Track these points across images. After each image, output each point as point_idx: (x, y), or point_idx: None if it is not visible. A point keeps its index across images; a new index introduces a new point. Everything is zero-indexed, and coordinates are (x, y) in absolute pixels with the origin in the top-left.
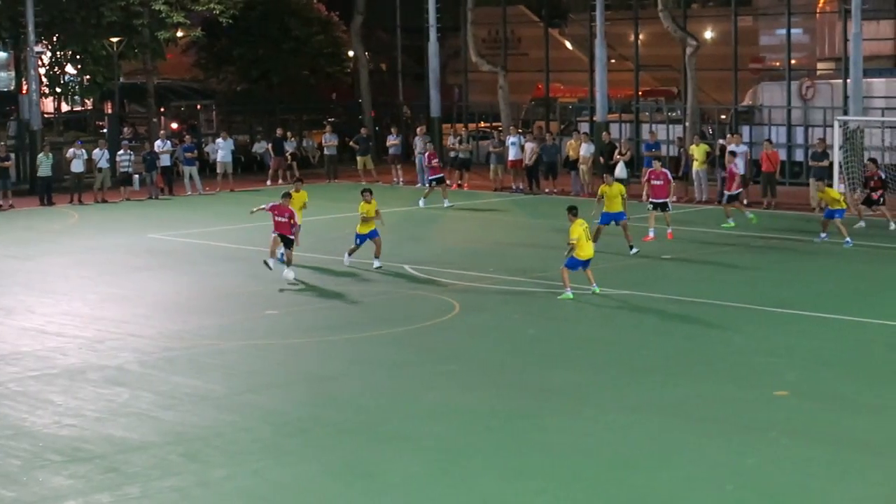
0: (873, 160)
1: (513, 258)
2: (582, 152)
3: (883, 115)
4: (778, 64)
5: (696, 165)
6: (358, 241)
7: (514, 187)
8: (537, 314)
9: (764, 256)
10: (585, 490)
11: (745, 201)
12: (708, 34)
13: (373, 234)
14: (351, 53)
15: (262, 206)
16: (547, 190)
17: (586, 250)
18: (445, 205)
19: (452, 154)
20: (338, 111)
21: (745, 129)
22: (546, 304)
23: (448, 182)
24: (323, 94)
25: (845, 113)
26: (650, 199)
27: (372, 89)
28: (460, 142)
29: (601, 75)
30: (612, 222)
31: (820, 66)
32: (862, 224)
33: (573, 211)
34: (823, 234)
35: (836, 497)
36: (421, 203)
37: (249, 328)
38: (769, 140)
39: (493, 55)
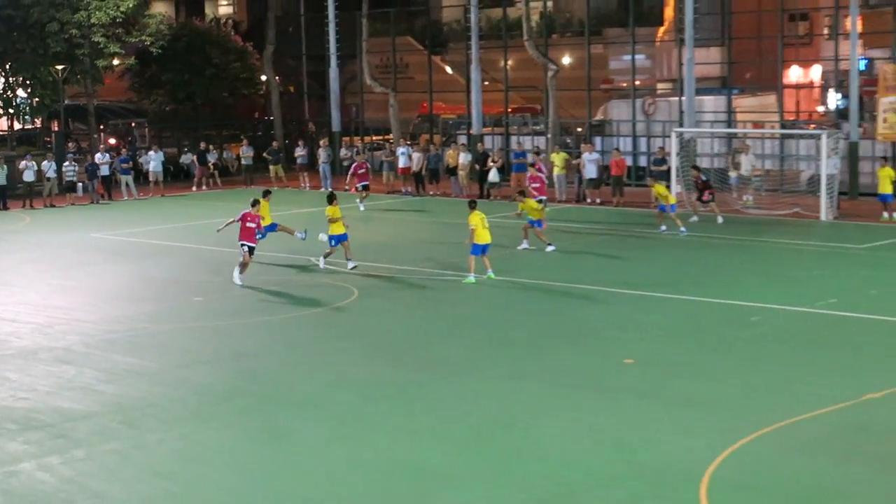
0: (695, 167)
1: (404, 250)
2: (460, 160)
3: (712, 127)
4: (625, 84)
5: (556, 171)
6: (333, 243)
7: (403, 191)
8: (425, 298)
9: (614, 246)
10: (467, 447)
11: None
12: (566, 59)
13: (343, 238)
14: (263, 78)
15: (230, 221)
16: (432, 192)
17: (483, 237)
18: (361, 208)
19: (347, 163)
20: (253, 127)
21: (598, 140)
22: (432, 289)
23: (347, 186)
24: (240, 112)
25: (681, 125)
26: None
27: (282, 108)
28: (357, 152)
29: (476, 95)
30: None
31: (660, 86)
32: (695, 218)
33: (472, 204)
34: (663, 227)
35: (676, 448)
36: (361, 207)
37: (180, 313)
38: (617, 149)
39: (384, 78)
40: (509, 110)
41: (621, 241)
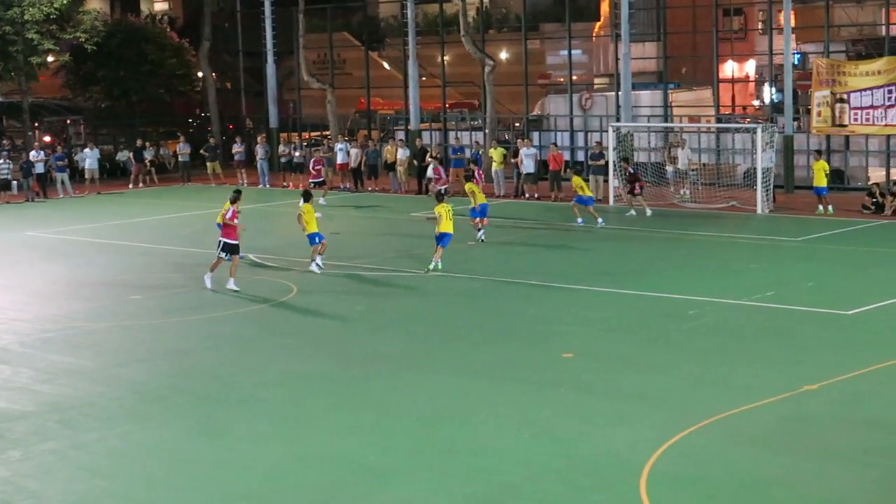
0: (625, 159)
1: (343, 246)
2: (398, 156)
3: (648, 122)
4: (562, 80)
5: (494, 165)
6: (318, 239)
7: (342, 186)
8: (364, 293)
9: (553, 241)
10: (407, 442)
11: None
12: (503, 55)
13: (321, 237)
14: (200, 74)
15: (236, 223)
16: (370, 188)
17: (446, 227)
18: (322, 202)
19: (285, 159)
20: (190, 123)
21: (536, 135)
22: (371, 285)
23: (286, 183)
24: (177, 109)
25: (618, 120)
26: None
27: (219, 105)
28: (295, 149)
29: (414, 91)
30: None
31: (596, 81)
32: (632, 213)
33: (439, 197)
34: (580, 220)
35: (615, 441)
36: (322, 201)
37: (116, 311)
38: (555, 143)
39: (322, 74)
40: (447, 106)
41: (560, 236)
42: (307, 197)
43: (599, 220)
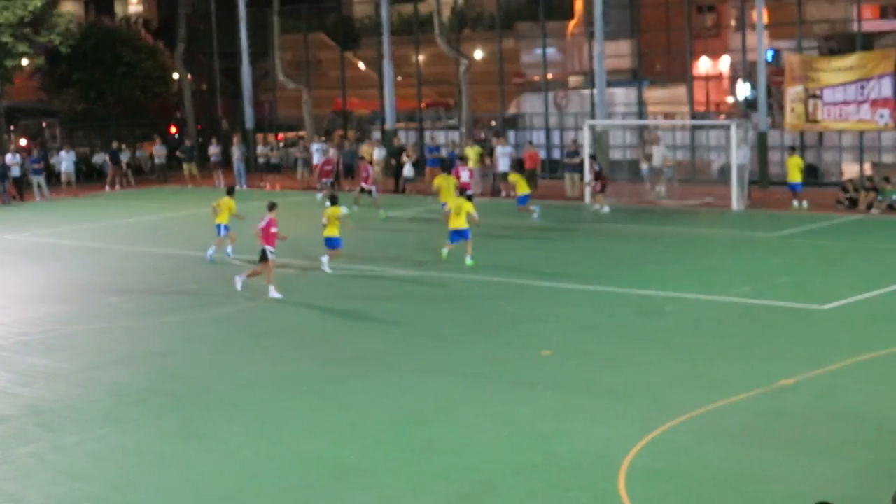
0: (592, 156)
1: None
2: (375, 156)
3: (623, 119)
4: (537, 78)
5: (470, 164)
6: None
7: (318, 187)
8: (342, 294)
9: (529, 239)
10: (385, 441)
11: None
12: (478, 54)
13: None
14: (175, 76)
15: (275, 231)
16: (347, 188)
17: (455, 223)
18: (354, 208)
19: (262, 160)
20: (166, 125)
21: (511, 133)
22: (348, 284)
23: (263, 184)
24: (152, 111)
25: (593, 118)
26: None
27: (194, 106)
28: (272, 149)
29: (389, 90)
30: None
31: (572, 79)
32: (606, 209)
33: (333, 199)
34: (535, 215)
35: (592, 437)
36: (355, 207)
37: (94, 314)
38: (531, 142)
39: (297, 75)
40: (422, 105)
41: (536, 234)
42: (334, 201)
43: (535, 215)
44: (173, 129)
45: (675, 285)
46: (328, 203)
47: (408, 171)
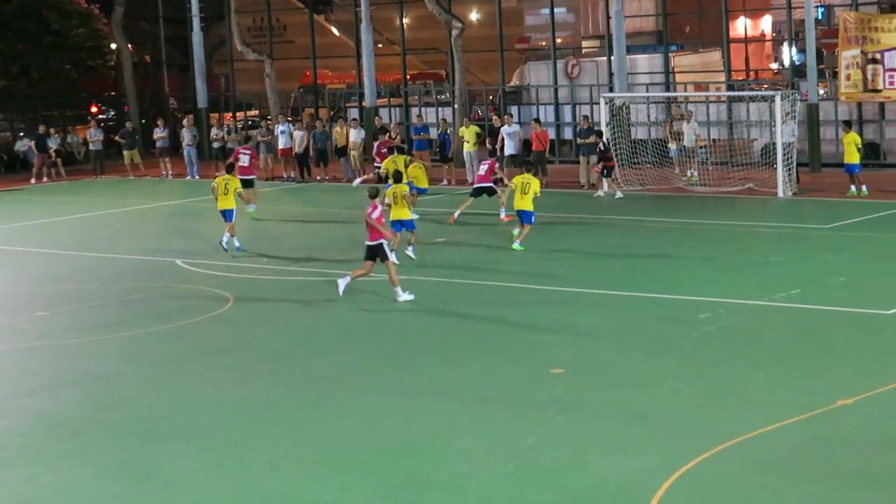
0: (598, 132)
1: (286, 247)
2: (352, 138)
3: (647, 91)
4: (543, 43)
5: (467, 147)
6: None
7: (285, 176)
8: (312, 302)
9: (536, 235)
10: (368, 477)
11: None
12: (473, 16)
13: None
14: (113, 46)
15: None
16: (318, 178)
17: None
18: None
19: (217, 145)
20: (102, 105)
21: (514, 110)
22: (321, 292)
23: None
24: (87, 88)
25: (611, 90)
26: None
27: (136, 82)
28: (228, 132)
29: (368, 60)
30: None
31: (585, 44)
32: (619, 195)
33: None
34: (456, 213)
35: (613, 470)
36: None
37: (19, 330)
38: (537, 120)
39: (258, 43)
40: (408, 78)
41: (545, 229)
42: (398, 178)
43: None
44: (94, 109)
45: (709, 288)
46: (389, 182)
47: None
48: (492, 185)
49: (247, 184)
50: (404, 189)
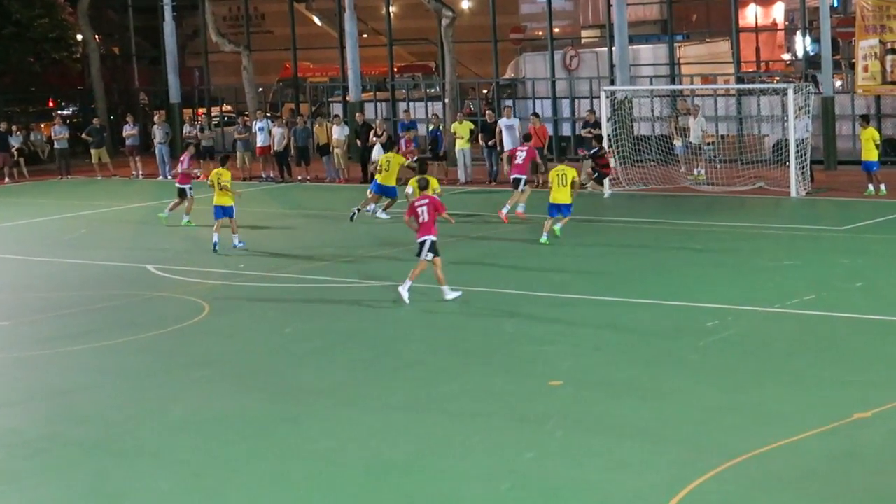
0: (597, 136)
1: (264, 253)
2: (335, 135)
3: (651, 84)
4: (540, 33)
5: (459, 144)
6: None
7: (264, 175)
8: (293, 311)
9: (531, 238)
10: (350, 498)
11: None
12: (465, 4)
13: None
14: (79, 37)
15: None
16: (300, 177)
17: (556, 195)
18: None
19: (191, 143)
20: (69, 100)
21: (509, 104)
22: (302, 300)
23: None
24: (51, 82)
25: (612, 83)
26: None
27: (104, 75)
28: (201, 129)
29: (353, 52)
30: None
31: (584, 34)
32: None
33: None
34: (380, 211)
35: (615, 488)
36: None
37: None
38: (536, 114)
39: (235, 34)
40: (395, 70)
41: (540, 232)
42: (422, 170)
43: (371, 206)
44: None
45: (717, 294)
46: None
47: (376, 153)
48: (525, 177)
49: (181, 193)
50: (434, 182)
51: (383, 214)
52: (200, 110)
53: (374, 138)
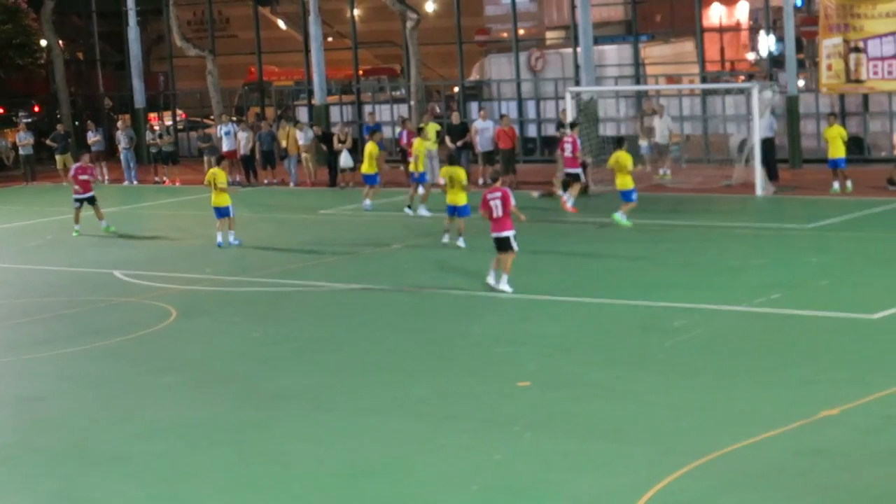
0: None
1: (232, 257)
2: (300, 141)
3: (616, 84)
4: (505, 35)
5: (427, 145)
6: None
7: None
8: (262, 316)
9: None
10: (320, 502)
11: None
12: (429, 6)
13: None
14: (43, 42)
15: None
16: (266, 181)
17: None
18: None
19: (154, 149)
20: (31, 105)
21: (474, 105)
22: (270, 305)
23: (160, 178)
24: (14, 88)
25: (577, 83)
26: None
27: (69, 81)
28: (160, 135)
29: (318, 55)
30: None
31: (549, 35)
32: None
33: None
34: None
35: (583, 489)
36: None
37: None
38: (505, 115)
39: (199, 38)
40: (360, 73)
41: None
42: (452, 161)
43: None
44: (36, 109)
45: (685, 293)
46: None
47: (345, 159)
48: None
49: (91, 201)
50: (461, 174)
51: (425, 211)
52: (153, 115)
53: (340, 144)
